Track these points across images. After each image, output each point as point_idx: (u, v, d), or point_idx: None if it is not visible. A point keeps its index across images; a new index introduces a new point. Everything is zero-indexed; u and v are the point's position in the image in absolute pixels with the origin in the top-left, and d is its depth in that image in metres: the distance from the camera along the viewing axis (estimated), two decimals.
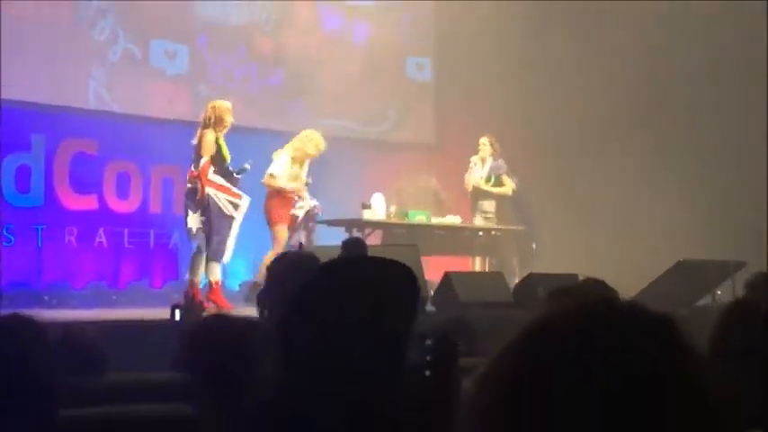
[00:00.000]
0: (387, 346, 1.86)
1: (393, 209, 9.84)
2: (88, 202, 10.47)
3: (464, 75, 12.63)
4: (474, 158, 10.58)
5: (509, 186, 10.60)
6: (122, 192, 10.74)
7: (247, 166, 8.95)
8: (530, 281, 7.69)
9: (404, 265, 1.94)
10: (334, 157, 11.19)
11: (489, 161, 10.54)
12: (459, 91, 12.64)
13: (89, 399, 2.84)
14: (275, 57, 12.00)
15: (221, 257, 8.65)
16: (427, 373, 2.10)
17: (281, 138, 11.70)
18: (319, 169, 10.59)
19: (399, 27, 12.96)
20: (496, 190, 10.52)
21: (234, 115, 11.13)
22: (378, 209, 9.52)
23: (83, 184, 10.41)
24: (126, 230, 10.58)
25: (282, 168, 9.32)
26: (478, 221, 10.41)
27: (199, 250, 8.66)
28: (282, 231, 9.03)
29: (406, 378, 2.14)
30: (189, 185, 8.79)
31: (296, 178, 9.32)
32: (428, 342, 2.11)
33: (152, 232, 10.80)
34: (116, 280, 10.54)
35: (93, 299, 9.60)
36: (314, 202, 9.34)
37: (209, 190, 8.69)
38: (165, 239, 10.88)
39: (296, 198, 9.24)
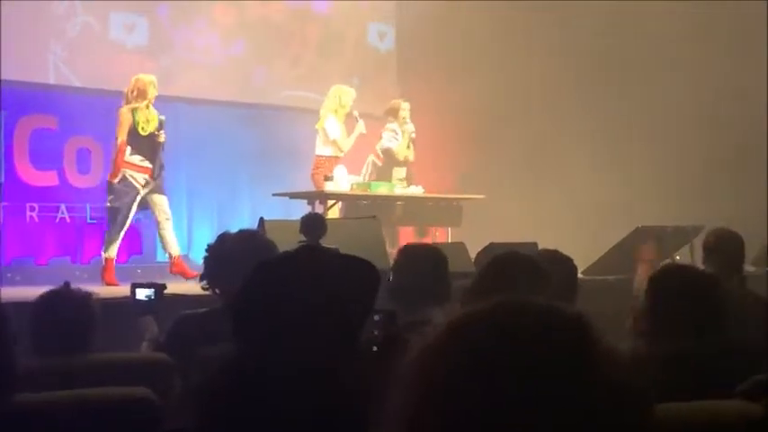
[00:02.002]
0: (341, 334, 1.90)
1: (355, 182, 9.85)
2: (49, 178, 10.41)
3: (427, 43, 12.62)
4: (394, 126, 10.49)
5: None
6: (83, 167, 10.68)
7: (162, 118, 8.92)
8: (490, 250, 7.74)
9: (367, 262, 1.96)
10: (297, 128, 11.21)
11: (409, 127, 10.52)
12: (422, 60, 12.64)
13: (49, 382, 2.86)
14: (237, 26, 11.92)
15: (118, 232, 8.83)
16: (374, 348, 2.14)
17: (245, 109, 11.71)
18: (281, 140, 10.63)
19: None
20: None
21: (197, 88, 11.15)
22: (340, 180, 9.53)
23: (43, 159, 10.34)
24: (88, 205, 10.53)
25: (339, 131, 9.63)
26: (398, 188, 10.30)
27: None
28: None
29: (357, 354, 2.19)
30: None
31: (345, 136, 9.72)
32: (376, 318, 2.16)
33: None
34: (79, 255, 10.51)
35: (57, 274, 9.54)
36: None
37: (125, 171, 8.78)
38: None
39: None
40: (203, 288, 4.03)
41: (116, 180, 8.79)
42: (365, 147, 10.62)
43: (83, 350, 3.29)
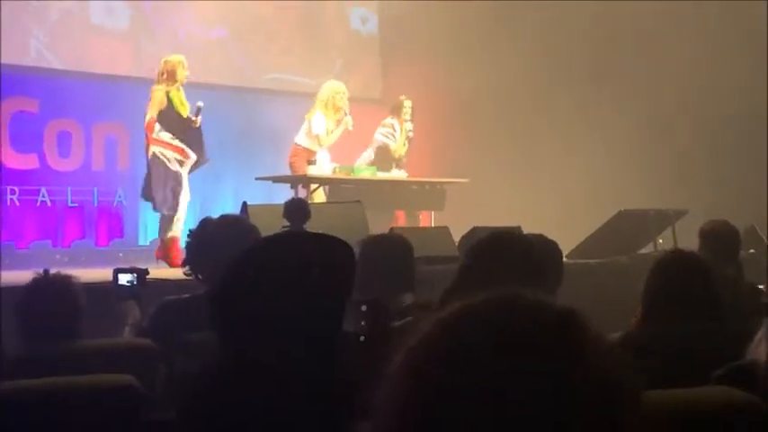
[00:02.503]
0: (319, 314, 1.89)
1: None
2: (29, 161, 10.36)
3: (409, 27, 12.59)
4: (392, 121, 10.47)
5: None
6: (64, 150, 10.63)
7: (200, 104, 8.87)
8: (474, 233, 7.74)
9: (343, 243, 1.95)
10: (280, 112, 11.17)
11: (407, 125, 10.49)
12: (405, 44, 12.61)
13: (32, 369, 2.84)
14: (219, 9, 11.85)
15: (170, 212, 8.62)
16: (362, 338, 2.14)
17: (227, 92, 11.66)
18: (264, 123, 10.60)
19: None
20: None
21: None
22: (323, 164, 9.50)
23: (23, 143, 10.28)
24: (69, 189, 10.49)
25: (323, 128, 9.53)
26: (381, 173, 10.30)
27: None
28: None
29: (344, 345, 2.18)
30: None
31: (329, 133, 9.62)
32: (363, 308, 2.15)
33: (95, 190, 10.71)
34: (60, 239, 10.47)
35: (38, 258, 9.51)
36: None
37: (154, 148, 8.64)
38: (108, 197, 10.81)
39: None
40: (185, 273, 4.01)
41: (149, 158, 8.71)
42: (348, 137, 10.60)
43: (66, 337, 3.27)
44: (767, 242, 8.78)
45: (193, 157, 8.81)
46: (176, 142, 8.73)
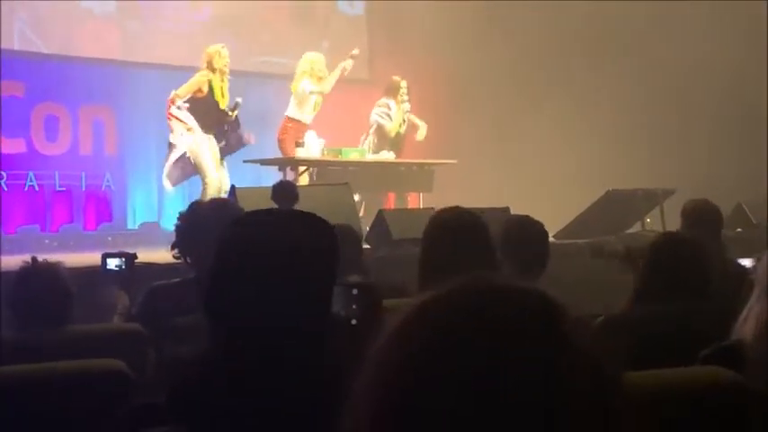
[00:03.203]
0: (308, 297, 1.89)
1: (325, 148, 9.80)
2: (17, 146, 10.31)
3: (396, 9, 12.55)
4: (387, 101, 10.45)
5: (423, 129, 10.54)
6: (51, 134, 10.59)
7: (239, 100, 9.31)
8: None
9: (319, 218, 1.95)
10: (267, 95, 11.14)
11: (405, 106, 10.48)
12: (392, 25, 12.57)
13: (22, 355, 2.84)
14: None
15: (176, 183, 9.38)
16: (353, 321, 2.14)
17: None
18: (252, 106, 10.54)
19: None
20: (419, 137, 10.51)
21: (167, 54, 11.04)
22: (311, 146, 9.49)
23: (10, 127, 10.22)
24: (57, 173, 10.45)
25: (315, 86, 9.62)
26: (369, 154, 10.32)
27: None
28: None
29: (336, 329, 2.18)
30: None
31: (317, 105, 9.76)
32: (354, 291, 2.15)
33: (83, 174, 10.67)
34: (48, 223, 10.43)
35: (25, 243, 9.48)
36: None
37: (171, 123, 9.20)
38: (96, 181, 10.77)
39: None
40: (175, 257, 4.00)
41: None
42: (338, 114, 10.58)
43: (55, 323, 3.27)
44: (755, 221, 8.81)
45: (200, 135, 9.19)
46: (192, 122, 9.16)
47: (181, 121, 9.13)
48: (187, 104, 9.16)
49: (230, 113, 9.21)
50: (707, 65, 10.62)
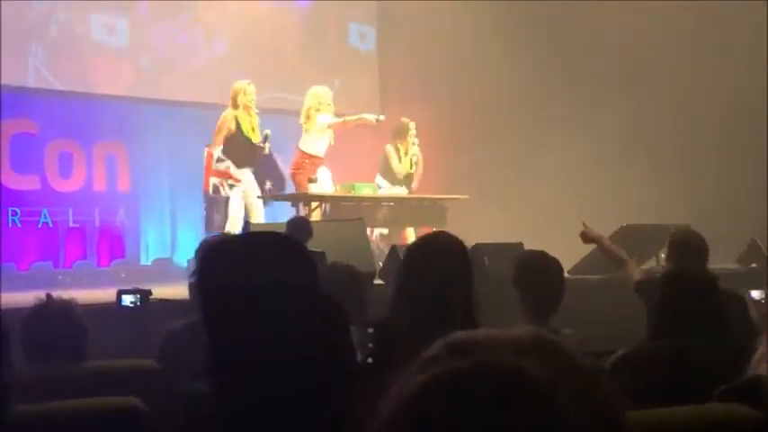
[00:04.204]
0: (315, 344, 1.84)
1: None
2: (31, 183, 10.35)
3: (408, 44, 12.62)
4: (397, 146, 10.46)
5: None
6: (65, 171, 10.63)
7: (267, 132, 9.33)
8: (476, 250, 7.74)
9: (287, 237, 1.92)
10: (279, 131, 11.16)
11: (413, 149, 10.49)
12: (404, 61, 12.63)
13: (37, 392, 2.83)
14: (217, 28, 11.88)
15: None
16: (369, 360, 2.13)
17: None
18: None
19: None
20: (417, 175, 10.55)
21: (179, 89, 11.12)
22: (324, 182, 9.51)
23: (24, 164, 10.28)
24: (70, 210, 10.49)
25: (332, 119, 9.60)
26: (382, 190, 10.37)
27: None
28: None
29: (355, 367, 2.15)
30: None
31: (330, 137, 9.69)
32: (370, 331, 2.14)
33: (97, 211, 10.71)
34: (62, 260, 10.45)
35: (39, 279, 9.50)
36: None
37: (212, 179, 9.26)
38: (110, 217, 10.81)
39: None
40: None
41: (208, 189, 9.33)
42: (350, 150, 10.61)
43: (70, 359, 3.26)
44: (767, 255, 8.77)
45: (247, 177, 9.24)
46: (234, 170, 9.19)
47: (229, 176, 9.21)
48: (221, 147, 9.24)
49: (263, 146, 9.26)
50: (720, 99, 10.62)
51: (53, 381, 3.06)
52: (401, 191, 10.21)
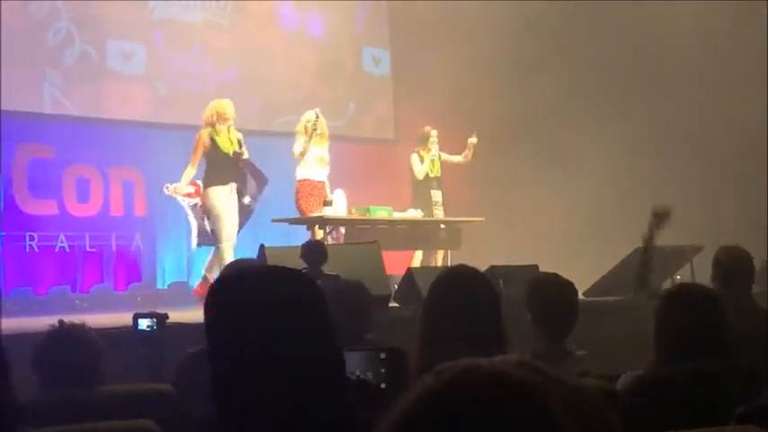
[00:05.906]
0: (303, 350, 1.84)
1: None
2: (48, 207, 10.41)
3: (422, 67, 12.66)
4: (422, 153, 10.64)
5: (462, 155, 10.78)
6: (82, 195, 10.68)
7: (239, 135, 9.26)
8: (491, 273, 7.74)
9: (296, 271, 1.94)
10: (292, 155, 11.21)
11: (434, 151, 10.70)
12: (418, 84, 12.67)
13: (53, 416, 2.85)
14: (232, 53, 11.95)
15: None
16: (383, 385, 2.13)
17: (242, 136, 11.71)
18: (278, 166, 10.62)
19: (355, 19, 13.02)
20: (456, 158, 10.82)
21: (195, 115, 11.17)
22: (339, 205, 9.52)
23: (41, 189, 10.33)
24: (87, 234, 10.53)
25: (303, 145, 9.69)
26: (437, 213, 10.57)
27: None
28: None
29: (365, 392, 2.16)
30: None
31: (322, 160, 9.70)
32: (382, 356, 2.15)
33: (113, 235, 10.75)
34: (79, 284, 10.49)
35: (56, 304, 9.55)
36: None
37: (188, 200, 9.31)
38: (127, 242, 10.85)
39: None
40: None
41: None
42: (365, 173, 10.63)
43: (86, 383, 3.28)
44: None
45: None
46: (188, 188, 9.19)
47: (184, 196, 9.24)
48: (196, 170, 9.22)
49: (240, 151, 9.15)
50: (737, 123, 10.62)
51: (69, 405, 3.08)
52: (416, 214, 10.23)
